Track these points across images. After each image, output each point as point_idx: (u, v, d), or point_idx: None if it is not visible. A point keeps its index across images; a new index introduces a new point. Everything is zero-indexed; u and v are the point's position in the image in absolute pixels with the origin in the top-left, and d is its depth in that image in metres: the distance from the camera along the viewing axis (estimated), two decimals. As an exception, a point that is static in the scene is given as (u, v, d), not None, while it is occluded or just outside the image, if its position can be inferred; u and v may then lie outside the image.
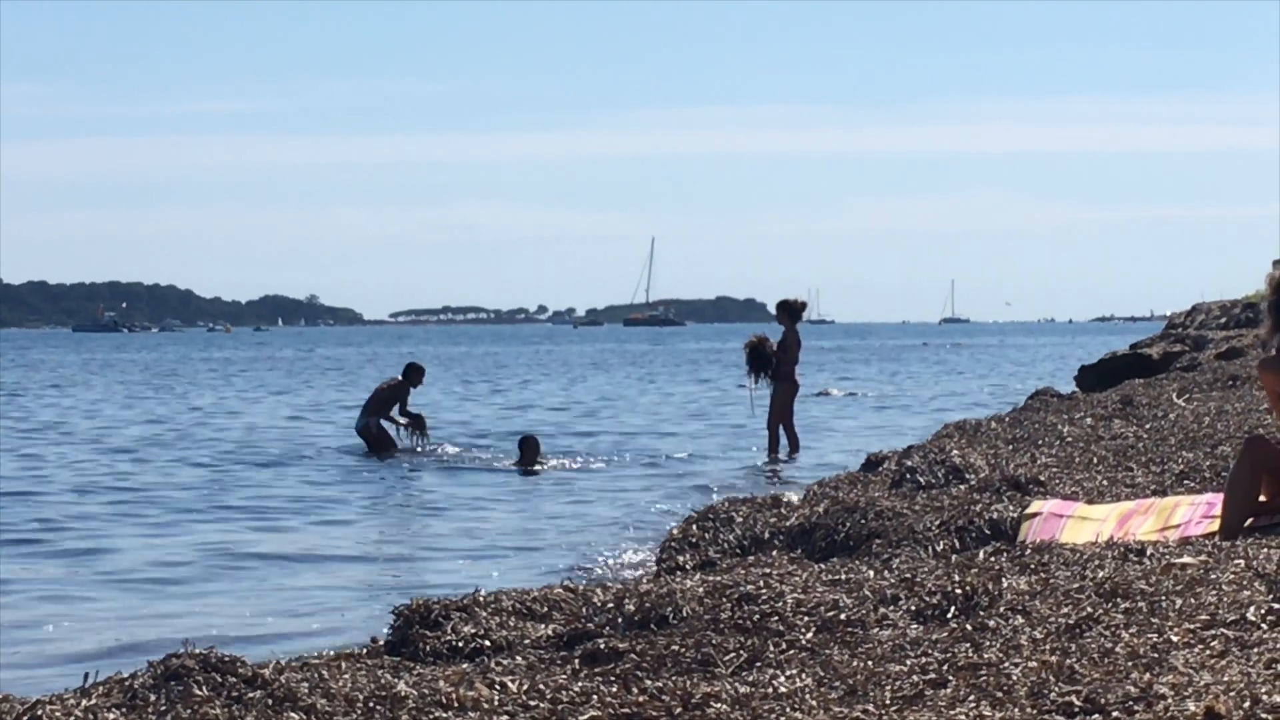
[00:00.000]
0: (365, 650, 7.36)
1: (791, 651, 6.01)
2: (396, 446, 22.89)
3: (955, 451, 12.04)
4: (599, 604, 7.02)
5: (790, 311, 21.52)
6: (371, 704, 5.37)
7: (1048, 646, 5.68)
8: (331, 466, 21.52)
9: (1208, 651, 5.44)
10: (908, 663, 5.61)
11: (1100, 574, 6.80)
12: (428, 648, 6.78)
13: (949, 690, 5.20)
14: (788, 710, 4.97)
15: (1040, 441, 13.42)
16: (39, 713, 5.18)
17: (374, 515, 16.56)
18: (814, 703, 5.12)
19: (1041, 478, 10.66)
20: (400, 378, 23.34)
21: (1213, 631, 5.69)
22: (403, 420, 23.06)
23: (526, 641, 6.69)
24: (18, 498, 17.89)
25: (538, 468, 20.53)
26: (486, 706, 5.28)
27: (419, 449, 22.78)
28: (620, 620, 6.72)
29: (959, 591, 6.57)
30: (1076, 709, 4.86)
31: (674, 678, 5.63)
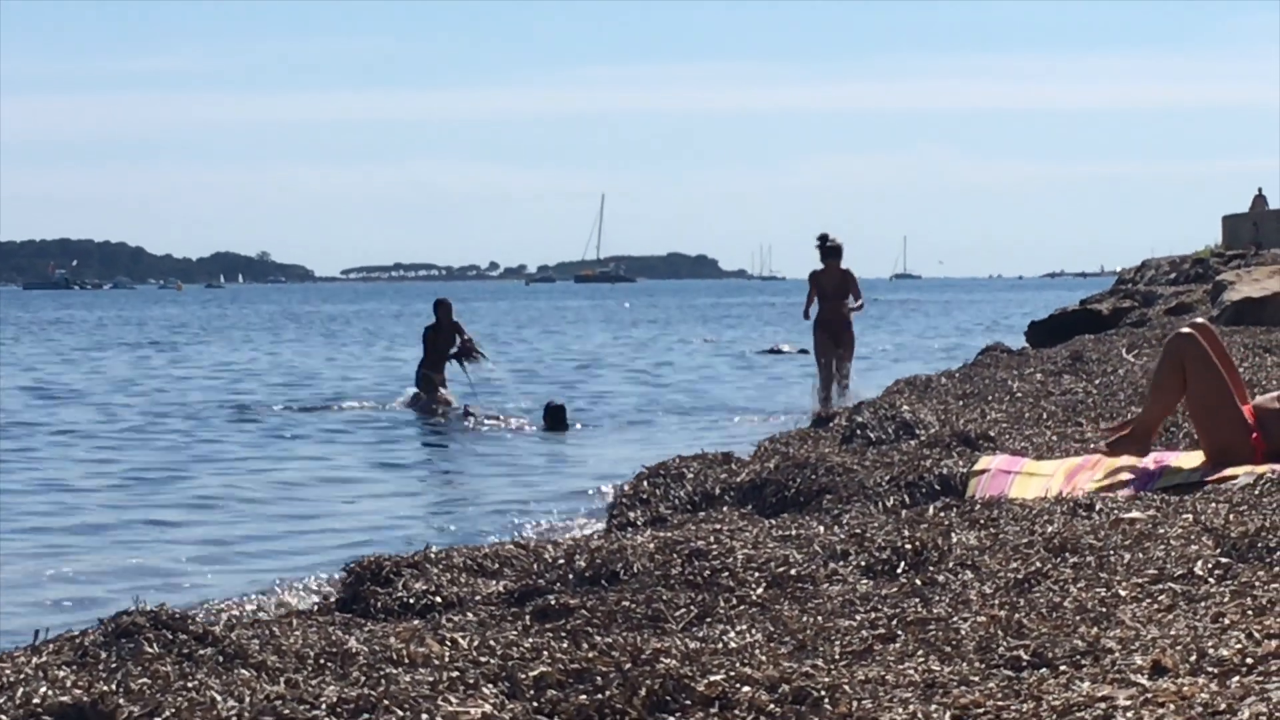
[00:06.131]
0: (317, 607, 7.35)
1: (742, 607, 6.02)
2: (438, 395, 22.49)
3: (905, 407, 12.06)
4: (550, 560, 7.02)
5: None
6: (323, 660, 5.37)
7: (996, 601, 5.71)
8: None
9: (1155, 606, 5.47)
10: (857, 618, 5.63)
11: (1049, 529, 6.83)
12: (379, 604, 6.78)
13: (898, 645, 5.22)
14: (737, 665, 4.98)
15: (990, 397, 13.45)
16: (-12, 671, 5.16)
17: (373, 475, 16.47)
18: (764, 658, 5.14)
19: (991, 433, 10.68)
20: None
21: (1160, 586, 5.72)
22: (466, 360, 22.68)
23: (478, 598, 6.69)
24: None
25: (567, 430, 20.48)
26: (437, 662, 5.28)
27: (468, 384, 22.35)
28: (571, 576, 6.73)
29: (908, 547, 6.60)
30: (1024, 663, 4.88)
31: (624, 633, 5.64)
